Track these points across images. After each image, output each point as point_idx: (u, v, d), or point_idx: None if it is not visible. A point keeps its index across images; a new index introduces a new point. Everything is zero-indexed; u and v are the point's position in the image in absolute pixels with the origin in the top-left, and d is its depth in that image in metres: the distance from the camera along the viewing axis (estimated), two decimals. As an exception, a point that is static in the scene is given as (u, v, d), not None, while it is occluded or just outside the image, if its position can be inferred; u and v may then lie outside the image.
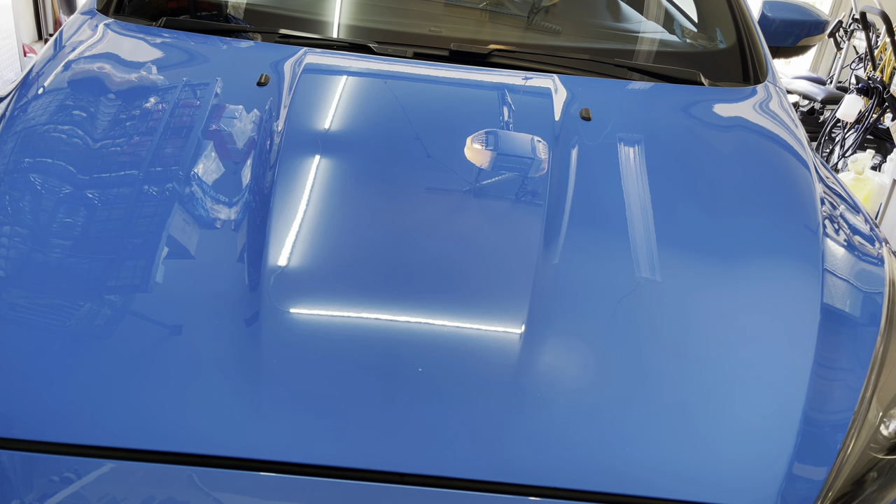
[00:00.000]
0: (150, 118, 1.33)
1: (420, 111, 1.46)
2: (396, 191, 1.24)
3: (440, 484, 0.88)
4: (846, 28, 5.10)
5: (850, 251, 1.29)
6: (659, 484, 0.91)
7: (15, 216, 1.13)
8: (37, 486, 0.87)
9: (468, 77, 1.59)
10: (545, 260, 1.11)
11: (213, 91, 1.42)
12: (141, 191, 1.17)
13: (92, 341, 0.97)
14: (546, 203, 1.22)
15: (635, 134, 1.45)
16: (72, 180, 1.19)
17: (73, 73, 1.46)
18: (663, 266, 1.15)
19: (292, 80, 1.43)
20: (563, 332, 1.04)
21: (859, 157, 3.67)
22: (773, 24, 2.10)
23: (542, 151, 1.35)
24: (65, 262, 1.06)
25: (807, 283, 1.15)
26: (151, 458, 0.88)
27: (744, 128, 1.58)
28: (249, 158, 1.26)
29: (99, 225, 1.12)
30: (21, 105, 1.37)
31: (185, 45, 1.58)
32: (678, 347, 1.04)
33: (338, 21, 1.80)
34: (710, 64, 1.80)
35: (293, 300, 1.03)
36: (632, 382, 0.99)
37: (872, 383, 1.04)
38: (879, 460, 1.00)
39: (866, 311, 1.17)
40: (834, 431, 0.99)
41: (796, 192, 1.37)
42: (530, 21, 1.90)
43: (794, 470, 0.93)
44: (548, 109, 1.46)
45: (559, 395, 0.97)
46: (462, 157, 1.31)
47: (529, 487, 0.89)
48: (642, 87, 1.68)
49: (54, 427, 0.89)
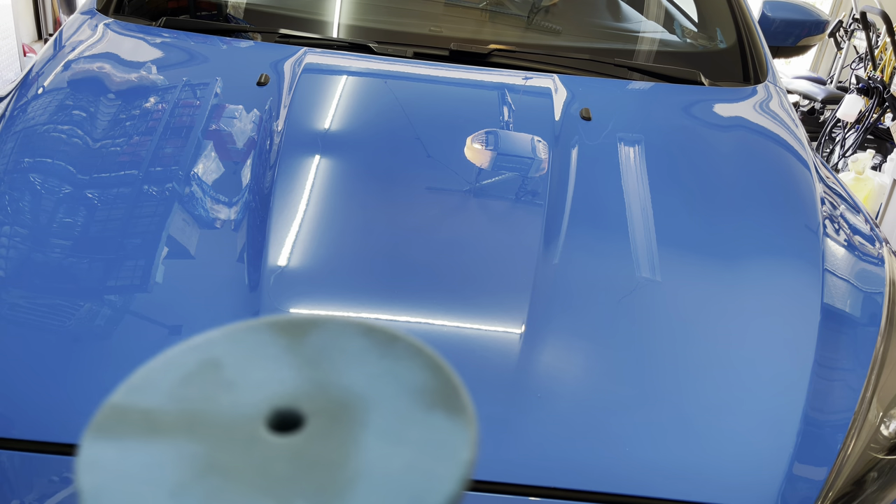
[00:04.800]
0: (149, 118, 1.33)
1: (420, 111, 1.46)
2: (396, 191, 1.24)
3: None
4: (846, 28, 5.09)
5: (850, 251, 1.29)
6: (659, 484, 0.90)
7: (15, 216, 1.13)
8: (37, 486, 0.86)
9: (468, 77, 1.59)
10: (545, 260, 1.11)
11: (213, 91, 1.42)
12: (141, 191, 1.17)
13: (92, 341, 0.97)
14: (546, 203, 1.21)
15: (635, 134, 1.45)
16: (71, 180, 1.19)
17: (72, 73, 1.46)
18: (663, 266, 1.15)
19: (292, 79, 1.43)
20: (564, 331, 1.04)
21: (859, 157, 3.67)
22: (773, 24, 2.10)
23: (542, 151, 1.35)
24: (65, 262, 1.06)
25: (807, 283, 1.15)
26: None
27: (744, 128, 1.58)
28: (249, 158, 1.26)
29: (99, 225, 1.12)
30: (21, 105, 1.37)
31: (184, 45, 1.58)
32: (678, 347, 1.04)
33: (338, 21, 1.80)
34: (711, 64, 1.80)
35: (293, 300, 1.03)
36: (632, 382, 0.99)
37: (873, 383, 1.04)
38: (880, 460, 0.99)
39: (867, 311, 1.16)
40: (834, 431, 0.99)
41: (796, 191, 1.37)
42: (530, 21, 1.90)
43: (795, 470, 0.93)
44: (548, 109, 1.46)
45: (559, 395, 0.97)
46: (462, 157, 1.31)
47: (529, 487, 0.89)
48: (642, 87, 1.68)
49: (54, 427, 0.89)
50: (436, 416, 0.26)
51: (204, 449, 0.25)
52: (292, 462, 0.25)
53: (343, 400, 0.27)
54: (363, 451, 0.25)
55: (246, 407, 0.27)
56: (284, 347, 0.29)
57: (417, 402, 0.27)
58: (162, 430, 0.26)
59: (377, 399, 0.27)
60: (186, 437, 0.25)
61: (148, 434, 0.25)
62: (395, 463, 0.25)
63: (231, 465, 0.25)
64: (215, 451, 0.25)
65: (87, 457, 0.25)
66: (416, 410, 0.26)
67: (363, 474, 0.24)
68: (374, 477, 0.24)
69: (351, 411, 0.26)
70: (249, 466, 0.24)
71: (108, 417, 0.26)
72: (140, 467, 0.24)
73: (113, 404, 0.27)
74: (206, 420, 0.26)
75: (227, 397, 0.27)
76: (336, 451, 0.25)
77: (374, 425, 0.26)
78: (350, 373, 0.28)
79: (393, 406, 0.27)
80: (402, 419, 0.26)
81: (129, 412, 0.26)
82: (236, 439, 0.25)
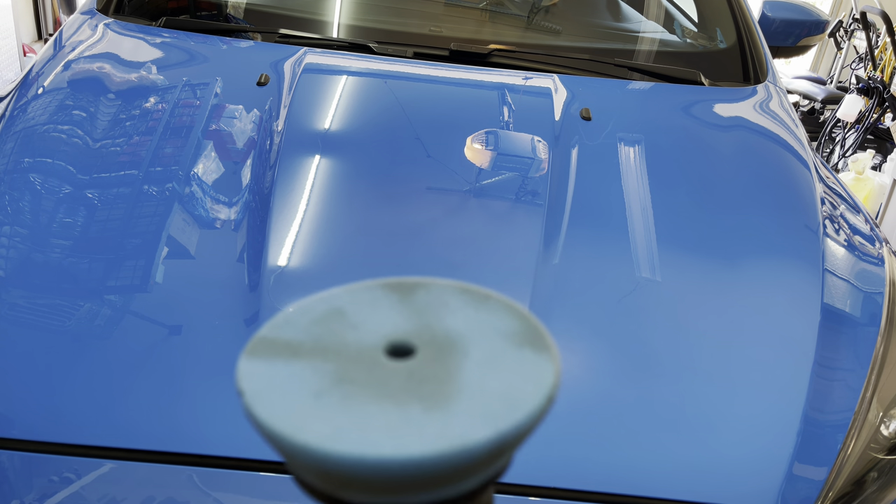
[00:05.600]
0: (149, 118, 1.33)
1: (420, 111, 1.46)
2: (396, 191, 1.24)
3: None
4: (846, 28, 5.09)
5: (850, 251, 1.28)
6: (659, 484, 0.90)
7: (15, 216, 1.13)
8: (36, 487, 0.86)
9: (468, 77, 1.59)
10: (545, 260, 1.11)
11: (213, 91, 1.41)
12: (141, 191, 1.17)
13: (91, 341, 0.97)
14: (546, 203, 1.21)
15: (635, 134, 1.45)
16: (71, 180, 1.18)
17: (72, 73, 1.46)
18: (663, 266, 1.15)
19: (292, 79, 1.43)
20: (563, 332, 1.04)
21: (859, 157, 3.67)
22: (773, 24, 2.10)
23: (542, 151, 1.35)
24: (65, 262, 1.06)
25: (807, 282, 1.15)
26: (151, 458, 0.87)
27: (744, 128, 1.58)
28: (249, 158, 1.25)
29: (99, 225, 1.12)
30: (21, 105, 1.37)
31: (184, 45, 1.58)
32: (678, 347, 1.04)
33: (338, 21, 1.80)
34: (711, 64, 1.80)
35: (293, 300, 1.03)
36: (631, 382, 0.99)
37: (873, 383, 1.04)
38: (880, 460, 0.99)
39: (866, 311, 1.16)
40: (834, 431, 0.98)
41: (796, 191, 1.36)
42: (530, 21, 1.90)
43: (795, 470, 0.93)
44: (548, 109, 1.46)
45: (559, 394, 0.97)
46: (462, 157, 1.31)
47: (529, 487, 0.88)
48: (642, 87, 1.67)
49: (54, 427, 0.89)
50: (525, 352, 0.32)
51: (336, 367, 0.31)
52: (407, 378, 0.30)
53: (448, 337, 0.32)
54: (465, 373, 0.30)
55: (367, 340, 0.32)
56: (397, 301, 0.35)
57: (509, 341, 0.32)
58: (301, 354, 0.31)
59: (476, 338, 0.32)
60: (321, 359, 0.31)
61: (290, 356, 0.31)
62: (492, 383, 0.30)
63: (358, 378, 0.30)
64: (345, 369, 0.31)
65: (244, 371, 0.31)
66: (509, 347, 0.32)
67: (466, 388, 0.29)
68: (476, 390, 0.29)
69: (454, 345, 0.32)
70: (373, 380, 0.30)
71: (257, 345, 0.32)
72: (286, 377, 0.30)
73: (261, 336, 0.33)
74: (335, 349, 0.32)
75: (351, 334, 0.33)
76: (443, 371, 0.30)
77: (474, 356, 0.31)
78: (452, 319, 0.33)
79: (489, 343, 0.32)
80: (497, 353, 0.31)
81: (273, 342, 0.32)
82: (361, 361, 0.31)
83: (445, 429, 0.28)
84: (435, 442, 0.27)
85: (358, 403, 0.29)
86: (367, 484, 0.28)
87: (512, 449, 0.29)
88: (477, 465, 0.28)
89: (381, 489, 0.28)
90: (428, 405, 0.29)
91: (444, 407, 0.29)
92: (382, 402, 0.29)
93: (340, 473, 0.27)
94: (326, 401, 0.29)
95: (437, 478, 0.27)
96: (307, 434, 0.27)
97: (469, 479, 0.29)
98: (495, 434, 0.28)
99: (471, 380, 0.30)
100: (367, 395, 0.29)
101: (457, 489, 0.29)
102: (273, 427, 0.28)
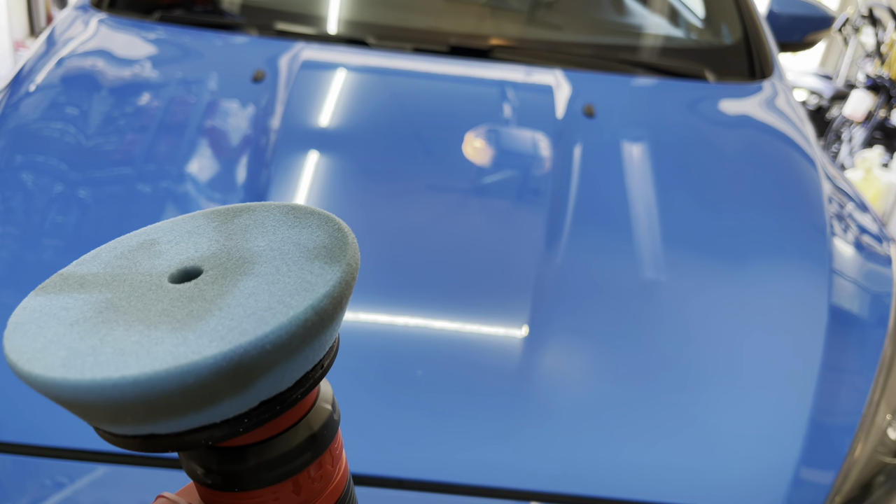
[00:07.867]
0: (144, 115, 1.31)
1: (419, 107, 1.44)
2: (395, 189, 1.22)
3: (439, 489, 0.87)
4: (853, 24, 5.06)
5: (857, 251, 1.26)
6: (664, 488, 0.89)
7: (7, 215, 1.12)
8: (29, 490, 0.85)
9: (469, 72, 1.57)
10: (547, 259, 1.09)
11: (209, 87, 1.40)
12: (135, 189, 1.16)
13: None
14: (548, 201, 1.19)
15: (639, 130, 1.43)
16: (65, 178, 1.17)
17: (65, 70, 1.44)
18: (668, 266, 1.13)
19: (289, 75, 1.41)
20: (566, 334, 1.02)
21: (867, 155, 3.64)
22: (779, 20, 2.08)
23: (544, 148, 1.33)
24: (58, 262, 1.04)
25: (814, 283, 1.13)
26: (145, 463, 0.86)
27: (749, 125, 1.56)
28: (245, 155, 1.24)
29: (92, 223, 1.11)
30: (13, 102, 1.35)
31: (179, 41, 1.56)
32: (683, 349, 1.02)
33: (335, 15, 1.78)
34: (716, 59, 1.77)
35: None
36: (636, 385, 0.97)
37: (880, 386, 1.02)
38: (887, 464, 0.98)
39: (874, 313, 1.14)
40: (841, 435, 0.97)
41: (803, 190, 1.34)
42: (532, 15, 1.88)
43: (802, 474, 0.92)
44: (550, 105, 1.44)
45: (562, 398, 0.95)
46: (462, 155, 1.29)
47: (532, 493, 0.87)
48: (646, 83, 1.65)
49: (47, 430, 0.88)
50: (314, 265, 0.30)
51: (111, 297, 0.30)
52: (175, 301, 0.29)
53: (242, 258, 0.31)
54: (239, 290, 0.29)
55: (159, 268, 0.32)
56: (214, 228, 0.34)
57: (304, 256, 0.31)
58: (86, 287, 0.31)
59: (271, 256, 0.31)
60: (102, 290, 0.30)
61: (76, 290, 0.30)
62: (260, 298, 0.28)
63: (128, 305, 0.29)
64: (119, 296, 0.30)
65: (21, 306, 0.30)
66: (299, 261, 0.30)
67: (228, 306, 0.28)
68: (236, 307, 0.28)
69: (244, 264, 0.31)
70: (141, 305, 0.29)
71: (52, 282, 0.31)
72: (54, 309, 0.29)
73: (60, 273, 0.32)
74: (123, 278, 0.31)
75: (147, 263, 0.32)
76: (216, 291, 0.29)
77: (258, 273, 0.30)
78: (258, 240, 0.32)
79: (281, 260, 0.31)
80: (283, 268, 0.30)
81: (69, 277, 0.31)
82: (140, 288, 0.30)
83: (177, 347, 0.26)
84: (159, 361, 0.25)
85: (107, 329, 0.28)
86: (105, 410, 0.26)
87: (262, 370, 0.27)
88: (216, 386, 0.26)
89: (120, 415, 0.26)
90: (177, 325, 0.27)
91: (191, 326, 0.27)
92: (134, 326, 0.28)
93: (71, 401, 0.26)
94: (77, 329, 0.28)
95: (173, 400, 0.26)
96: (36, 363, 0.26)
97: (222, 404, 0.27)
98: (225, 351, 0.26)
99: (239, 297, 0.29)
100: (123, 321, 0.28)
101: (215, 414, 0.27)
102: (9, 358, 0.27)
